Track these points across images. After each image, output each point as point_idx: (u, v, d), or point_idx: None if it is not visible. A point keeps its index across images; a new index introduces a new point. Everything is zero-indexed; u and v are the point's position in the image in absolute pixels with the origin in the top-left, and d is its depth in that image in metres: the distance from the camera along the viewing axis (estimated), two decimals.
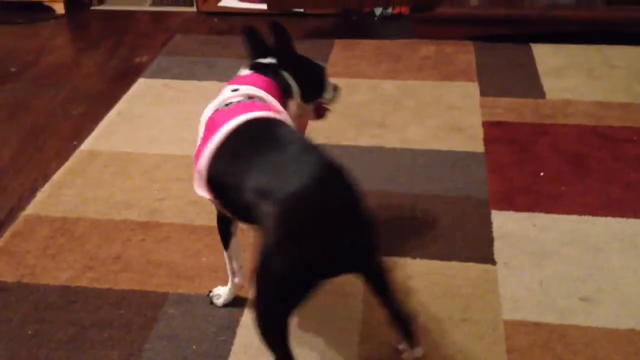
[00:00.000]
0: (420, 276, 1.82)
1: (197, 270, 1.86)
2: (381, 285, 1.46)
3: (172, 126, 2.57)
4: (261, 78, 1.65)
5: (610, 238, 1.93)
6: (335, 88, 1.85)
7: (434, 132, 2.47)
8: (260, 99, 1.57)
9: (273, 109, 1.55)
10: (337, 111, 2.60)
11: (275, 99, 1.60)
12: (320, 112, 1.86)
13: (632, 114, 2.54)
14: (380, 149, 2.41)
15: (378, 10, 3.57)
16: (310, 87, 1.76)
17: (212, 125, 1.53)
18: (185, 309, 1.73)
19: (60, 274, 1.86)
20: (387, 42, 3.24)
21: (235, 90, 1.61)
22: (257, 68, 1.70)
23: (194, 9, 3.72)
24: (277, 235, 1.22)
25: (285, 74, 1.69)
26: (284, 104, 1.64)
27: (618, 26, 3.09)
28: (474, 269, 1.84)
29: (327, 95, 1.82)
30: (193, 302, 1.75)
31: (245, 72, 1.71)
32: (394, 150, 2.39)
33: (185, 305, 1.74)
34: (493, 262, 1.86)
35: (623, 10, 3.07)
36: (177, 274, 1.85)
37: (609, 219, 2.00)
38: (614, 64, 2.92)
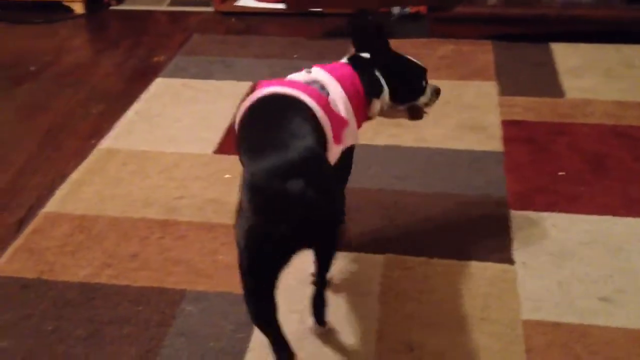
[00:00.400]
0: (438, 275, 1.81)
1: (214, 268, 1.86)
2: (324, 264, 1.54)
3: (190, 125, 2.58)
4: (347, 69, 1.66)
5: (631, 238, 1.91)
6: (436, 91, 1.81)
7: (451, 132, 2.46)
8: (321, 86, 1.58)
9: (316, 94, 1.53)
10: None
11: (354, 93, 1.62)
12: (415, 114, 1.81)
13: None
14: (398, 148, 2.40)
15: (395, 10, 3.56)
16: (404, 89, 1.74)
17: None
18: (203, 306, 1.73)
19: (79, 270, 1.88)
20: (404, 41, 3.22)
21: (309, 72, 1.63)
22: (352, 60, 1.70)
23: (211, 8, 3.74)
24: (242, 205, 1.30)
25: (378, 73, 1.68)
26: (367, 102, 1.67)
27: (637, 26, 3.06)
28: (492, 268, 1.83)
29: (424, 98, 1.79)
30: (210, 299, 1.75)
31: (343, 60, 1.71)
32: (411, 149, 2.39)
33: (202, 302, 1.75)
34: (511, 262, 1.84)
35: None
36: (194, 271, 1.85)
37: (630, 219, 1.98)
38: (633, 63, 2.89)
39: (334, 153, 1.57)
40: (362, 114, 1.69)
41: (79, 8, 3.74)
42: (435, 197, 2.12)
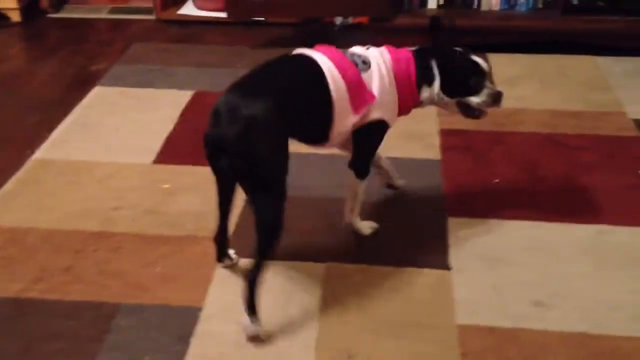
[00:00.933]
0: (377, 282, 1.82)
1: (151, 280, 1.83)
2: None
3: (128, 135, 2.54)
4: (407, 54, 1.85)
5: (562, 243, 1.96)
6: (494, 96, 1.88)
7: (391, 140, 2.47)
8: (363, 60, 1.79)
9: (343, 63, 1.74)
10: None
11: (405, 76, 1.82)
12: (467, 112, 1.92)
13: (584, 121, 2.59)
14: (339, 157, 2.40)
15: (338, 20, 3.59)
16: (453, 83, 1.86)
17: None
18: (139, 320, 1.70)
19: (10, 285, 1.82)
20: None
21: (368, 48, 1.85)
22: (418, 49, 1.89)
23: (152, 17, 3.69)
24: None
25: (434, 64, 1.84)
26: (417, 87, 1.85)
27: (572, 36, 3.15)
28: (429, 274, 1.85)
29: (477, 98, 1.87)
30: (147, 312, 1.72)
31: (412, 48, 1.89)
32: None
33: (138, 315, 1.71)
34: (448, 268, 1.87)
35: (577, 21, 3.14)
36: (130, 284, 1.82)
37: (562, 224, 2.03)
38: (566, 73, 2.98)
39: (346, 119, 1.77)
40: (411, 98, 1.87)
41: (15, 16, 3.64)
42: (374, 205, 2.13)
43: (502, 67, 3.04)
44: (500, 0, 3.25)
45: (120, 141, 2.49)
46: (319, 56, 1.76)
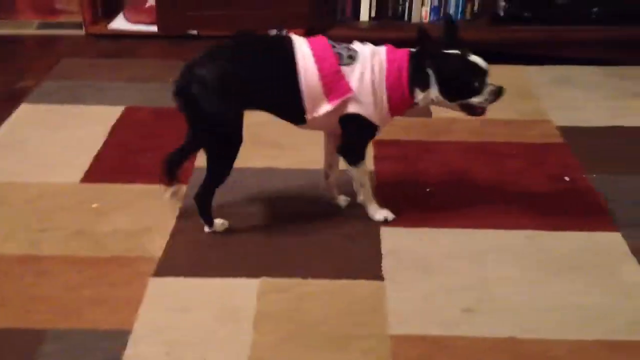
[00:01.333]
0: (311, 296, 1.82)
1: (79, 304, 1.78)
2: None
3: (56, 153, 2.48)
4: (403, 55, 1.94)
5: (490, 249, 2.00)
6: (495, 92, 1.94)
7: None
8: (350, 55, 1.90)
9: (322, 53, 1.87)
10: None
11: (395, 77, 1.89)
12: (471, 112, 1.98)
13: (514, 130, 2.66)
14: (274, 170, 2.41)
15: (273, 32, 3.58)
16: (453, 87, 1.92)
17: None
18: (66, 346, 1.64)
19: None
20: None
21: (365, 44, 1.96)
22: (415, 51, 1.95)
23: (82, 32, 3.62)
24: None
25: (430, 68, 1.90)
26: (410, 90, 1.91)
27: (502, 46, 3.23)
28: (363, 286, 1.86)
29: (478, 98, 1.93)
30: (74, 337, 1.67)
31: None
32: (287, 171, 2.40)
33: (65, 341, 1.66)
34: (381, 278, 1.88)
35: (503, 31, 3.23)
36: (57, 308, 1.76)
37: (491, 230, 2.08)
38: (498, 82, 3.04)
39: (320, 106, 1.90)
40: (401, 100, 1.93)
41: None
42: (309, 218, 2.14)
43: None
44: (429, 12, 3.32)
45: (47, 160, 2.43)
46: (300, 42, 1.89)
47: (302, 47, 1.89)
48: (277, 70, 1.90)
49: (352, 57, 1.89)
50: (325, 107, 1.91)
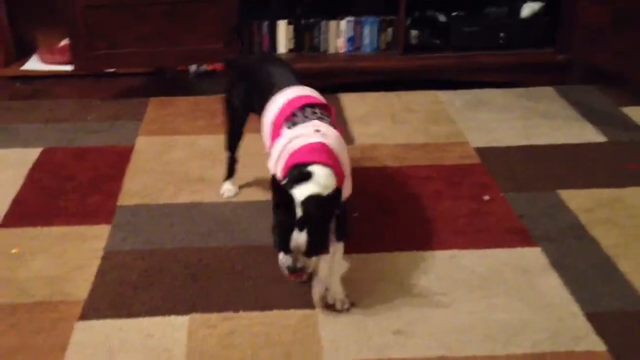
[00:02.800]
0: (242, 329, 1.82)
1: (1, 352, 1.71)
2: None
3: None
4: (304, 152, 1.86)
5: (416, 271, 2.04)
6: (288, 268, 1.76)
7: (253, 184, 2.50)
8: (295, 124, 1.93)
9: (284, 113, 1.97)
10: (154, 170, 2.57)
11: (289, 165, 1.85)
12: None
13: (430, 153, 2.75)
14: (200, 205, 2.39)
15: (192, 68, 3.59)
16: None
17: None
18: None
19: None
20: (203, 98, 3.26)
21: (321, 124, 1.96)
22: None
23: None
24: None
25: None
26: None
27: (413, 73, 3.35)
28: (294, 315, 1.87)
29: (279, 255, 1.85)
30: None
31: None
32: (213, 204, 2.39)
33: None
34: (312, 307, 1.89)
35: (416, 59, 3.34)
36: None
37: (415, 252, 2.13)
38: (412, 108, 3.15)
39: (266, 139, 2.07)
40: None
41: None
42: (238, 250, 2.13)
43: (353, 105, 3.17)
44: (345, 43, 3.40)
45: None
46: (296, 86, 2.08)
47: (290, 89, 2.04)
48: (267, 90, 2.09)
49: (294, 124, 1.91)
50: (267, 143, 2.05)
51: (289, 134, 1.89)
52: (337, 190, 1.73)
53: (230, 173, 2.46)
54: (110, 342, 1.76)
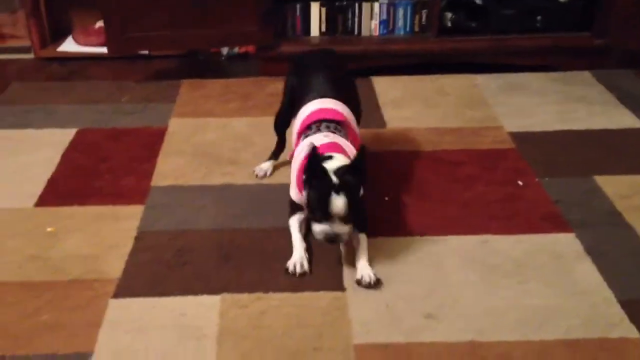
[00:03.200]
0: (273, 309, 1.82)
1: (36, 329, 1.75)
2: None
3: (6, 179, 2.43)
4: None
5: (449, 255, 2.03)
6: (328, 238, 1.88)
7: (284, 167, 2.50)
8: (309, 133, 2.09)
9: (311, 117, 2.12)
10: (187, 151, 2.59)
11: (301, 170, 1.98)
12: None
13: (464, 137, 2.71)
14: (232, 187, 2.40)
15: (225, 50, 3.60)
16: (307, 203, 1.95)
17: None
18: None
19: None
20: (235, 80, 3.27)
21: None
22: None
23: (31, 55, 3.56)
24: None
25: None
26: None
27: (447, 56, 3.31)
28: (325, 297, 1.87)
29: (314, 227, 1.92)
30: None
31: None
32: (246, 186, 2.40)
33: None
34: (343, 289, 1.90)
35: (451, 42, 3.30)
36: (14, 335, 1.73)
37: (448, 237, 2.11)
38: (446, 91, 3.12)
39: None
40: (300, 190, 2.01)
41: None
42: (270, 232, 2.14)
43: (386, 89, 3.15)
44: (379, 25, 3.37)
45: None
46: (323, 100, 2.15)
47: (317, 101, 2.14)
48: (300, 97, 2.22)
49: (307, 136, 2.06)
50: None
51: (301, 145, 2.04)
52: (362, 154, 1.91)
53: (273, 155, 2.49)
54: (144, 320, 1.78)
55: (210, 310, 1.82)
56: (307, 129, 2.09)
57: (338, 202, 1.82)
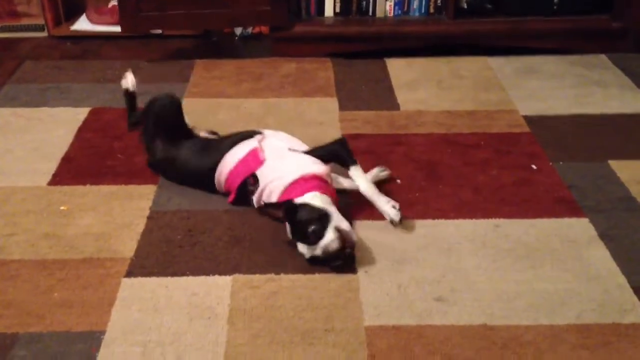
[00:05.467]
0: (285, 291, 1.83)
1: (49, 307, 1.76)
2: None
3: (21, 156, 2.44)
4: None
5: (461, 239, 2.02)
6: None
7: None
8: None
9: None
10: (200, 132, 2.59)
11: None
12: None
13: (478, 120, 2.69)
14: None
15: (238, 30, 3.58)
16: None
17: None
18: (38, 349, 1.63)
19: None
20: (248, 61, 3.25)
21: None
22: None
23: (45, 34, 3.56)
24: None
25: None
26: None
27: (463, 39, 3.27)
28: (336, 279, 1.87)
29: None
30: (46, 340, 1.66)
31: None
32: None
33: (37, 345, 1.64)
34: (354, 271, 1.89)
35: (467, 24, 3.26)
36: (27, 312, 1.74)
37: (460, 220, 2.10)
38: (461, 74, 3.09)
39: None
40: None
41: None
42: None
43: (400, 71, 3.13)
44: (394, 6, 3.34)
45: (13, 164, 2.39)
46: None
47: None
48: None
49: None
50: None
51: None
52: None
53: None
54: (156, 299, 1.79)
55: (221, 291, 1.83)
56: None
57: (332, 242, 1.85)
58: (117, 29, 3.29)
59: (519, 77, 3.06)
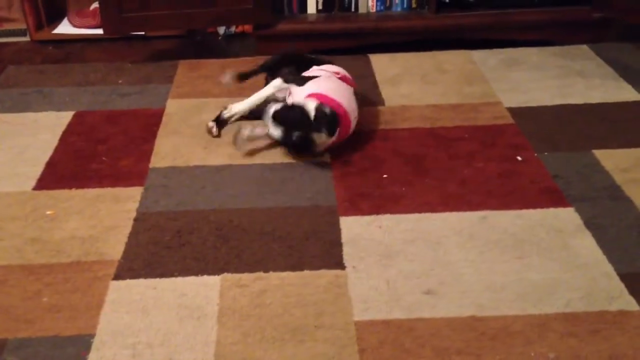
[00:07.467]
0: (273, 288, 1.83)
1: (38, 311, 1.76)
2: None
3: (5, 162, 2.42)
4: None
5: (448, 232, 2.03)
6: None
7: (282, 146, 2.50)
8: None
9: None
10: (185, 132, 2.58)
11: None
12: None
13: (462, 114, 2.70)
14: (230, 167, 2.40)
15: (222, 30, 3.57)
16: None
17: None
18: (27, 354, 1.63)
19: None
20: (232, 60, 3.25)
21: None
22: None
23: (27, 38, 3.54)
24: None
25: None
26: None
27: (446, 33, 3.28)
28: (325, 275, 1.87)
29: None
30: (35, 345, 1.65)
31: None
32: (244, 166, 2.39)
33: (26, 350, 1.64)
34: (343, 267, 1.90)
35: (449, 18, 3.27)
36: (15, 317, 1.74)
37: (447, 213, 2.11)
38: (444, 68, 3.10)
39: None
40: None
41: None
42: (268, 212, 2.14)
43: (384, 67, 3.13)
44: (376, 2, 3.34)
45: None
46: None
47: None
48: None
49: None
50: None
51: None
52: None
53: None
54: (145, 301, 1.79)
55: (210, 290, 1.83)
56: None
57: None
58: (100, 31, 3.28)
59: (502, 69, 3.07)
